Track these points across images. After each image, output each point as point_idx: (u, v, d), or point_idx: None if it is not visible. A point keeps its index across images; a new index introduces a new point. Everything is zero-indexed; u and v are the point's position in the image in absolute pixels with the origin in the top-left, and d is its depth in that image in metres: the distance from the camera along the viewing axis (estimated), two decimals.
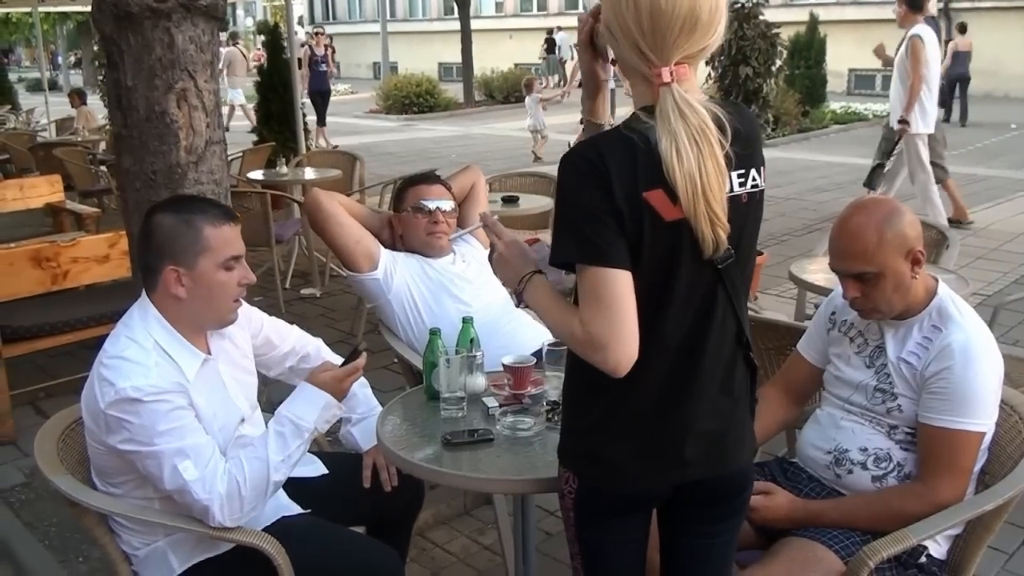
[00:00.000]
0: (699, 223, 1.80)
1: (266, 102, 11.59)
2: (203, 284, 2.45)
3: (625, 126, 1.85)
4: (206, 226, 2.44)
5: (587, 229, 1.81)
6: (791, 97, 17.28)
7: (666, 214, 1.81)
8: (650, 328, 1.86)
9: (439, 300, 3.74)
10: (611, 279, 1.80)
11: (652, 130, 1.81)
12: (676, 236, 1.83)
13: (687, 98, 1.82)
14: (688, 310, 1.89)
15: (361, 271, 3.77)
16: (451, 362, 2.72)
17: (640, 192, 1.79)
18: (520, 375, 2.82)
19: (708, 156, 1.80)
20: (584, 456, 2.02)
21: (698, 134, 1.80)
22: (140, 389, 2.30)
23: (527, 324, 3.76)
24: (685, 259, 1.85)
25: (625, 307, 1.80)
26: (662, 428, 1.95)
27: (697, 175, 1.78)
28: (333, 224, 3.75)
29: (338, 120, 23.15)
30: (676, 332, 1.90)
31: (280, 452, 2.46)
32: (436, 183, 3.95)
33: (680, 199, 1.79)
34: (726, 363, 1.97)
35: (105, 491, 2.52)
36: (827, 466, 2.65)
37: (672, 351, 1.91)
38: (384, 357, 5.96)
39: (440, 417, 2.72)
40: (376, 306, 3.87)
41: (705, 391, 1.95)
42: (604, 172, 1.79)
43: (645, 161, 1.80)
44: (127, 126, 3.47)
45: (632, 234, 1.80)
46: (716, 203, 1.81)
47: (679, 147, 1.79)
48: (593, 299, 1.81)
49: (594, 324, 1.81)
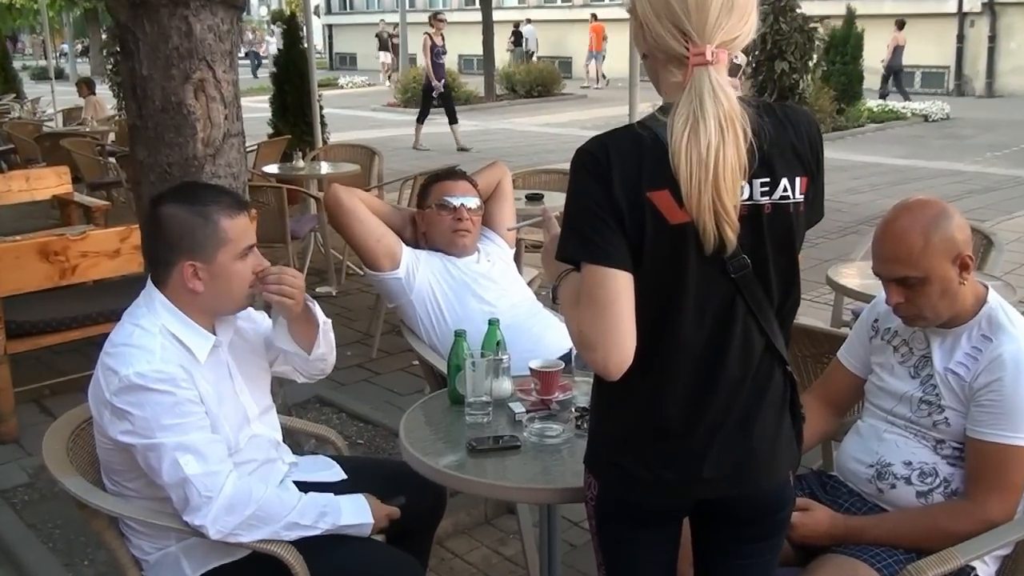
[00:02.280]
0: (702, 214, 1.79)
1: (282, 94, 11.63)
2: (221, 277, 2.47)
3: (639, 123, 1.86)
4: (223, 218, 2.45)
5: (587, 226, 1.82)
6: (826, 94, 17.19)
7: (671, 216, 1.80)
8: (662, 334, 1.87)
9: (463, 300, 3.75)
10: (607, 279, 1.80)
11: (664, 129, 1.81)
12: (681, 240, 1.82)
13: (723, 83, 1.82)
14: (704, 319, 1.89)
15: (382, 270, 3.78)
16: (476, 365, 2.72)
17: (643, 191, 1.79)
18: (548, 380, 2.82)
19: (731, 144, 1.79)
20: (604, 462, 2.03)
21: (726, 120, 1.79)
22: (144, 375, 2.32)
23: (554, 326, 3.76)
24: (692, 264, 1.84)
25: (619, 308, 1.80)
26: (682, 441, 1.94)
27: (712, 159, 1.77)
28: (354, 221, 3.76)
29: (354, 114, 23.23)
30: (695, 340, 1.89)
31: (299, 516, 2.49)
32: (462, 179, 3.96)
33: (684, 187, 1.78)
34: (755, 376, 1.95)
35: (116, 491, 2.54)
36: (869, 480, 2.63)
37: (691, 361, 1.90)
38: (402, 359, 6.00)
39: (464, 422, 2.72)
40: (397, 306, 3.88)
41: (729, 405, 1.94)
42: (606, 169, 1.80)
43: (653, 160, 1.80)
44: (142, 117, 3.49)
45: (633, 234, 1.80)
46: (727, 195, 1.79)
47: (700, 127, 1.78)
48: (589, 298, 1.82)
49: (587, 323, 1.82)
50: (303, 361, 2.80)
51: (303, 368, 2.84)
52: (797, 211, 1.92)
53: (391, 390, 5.60)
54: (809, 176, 1.92)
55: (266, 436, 2.70)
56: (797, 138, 1.91)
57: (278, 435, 2.79)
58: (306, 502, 2.53)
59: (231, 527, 2.39)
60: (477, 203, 3.91)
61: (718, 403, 1.93)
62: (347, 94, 29.75)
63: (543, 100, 25.80)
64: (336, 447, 3.15)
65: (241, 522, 2.40)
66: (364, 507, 2.61)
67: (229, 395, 2.57)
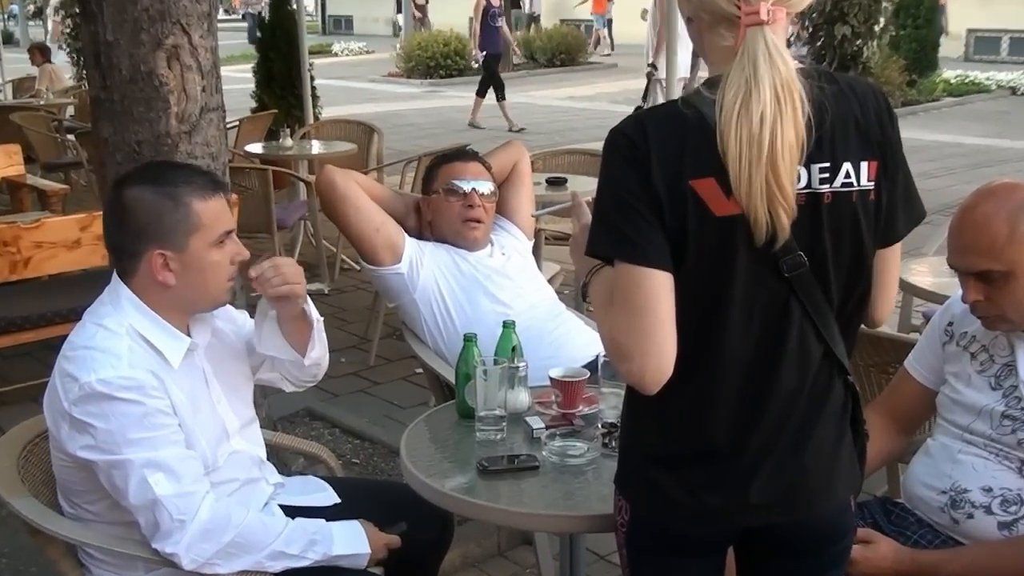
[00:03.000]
0: (753, 200, 1.78)
1: (267, 62, 11.67)
2: (195, 267, 2.49)
3: (683, 100, 1.86)
4: (195, 200, 2.47)
5: (620, 219, 1.82)
6: (895, 63, 17.12)
7: (717, 208, 1.81)
8: (706, 342, 1.87)
9: (473, 300, 3.76)
10: (643, 279, 1.81)
11: (712, 107, 1.81)
12: (728, 234, 1.82)
13: (780, 46, 1.81)
14: (752, 324, 1.89)
15: (382, 264, 3.80)
16: (489, 374, 2.73)
17: (685, 179, 1.80)
18: (571, 391, 2.83)
19: (789, 119, 1.79)
20: (639, 483, 2.04)
21: (783, 90, 1.79)
22: (108, 382, 2.33)
23: (579, 330, 3.77)
24: (741, 262, 1.84)
25: (657, 313, 1.81)
26: (727, 462, 1.95)
27: (767, 134, 1.77)
28: (350, 208, 3.78)
29: (350, 85, 23.27)
30: (742, 348, 1.90)
31: (285, 544, 2.50)
32: (473, 160, 3.97)
33: (732, 169, 1.78)
34: (810, 389, 1.96)
35: (75, 514, 2.56)
36: (941, 509, 2.62)
37: (739, 371, 1.91)
38: (404, 367, 6.01)
39: (475, 439, 2.73)
40: (398, 306, 3.90)
41: (782, 420, 1.94)
42: (644, 153, 1.80)
43: (697, 143, 1.80)
44: (106, 88, 3.51)
45: (674, 229, 1.81)
46: (785, 176, 1.79)
47: (753, 97, 1.77)
48: (623, 301, 1.83)
49: (621, 330, 1.83)
50: (296, 367, 2.81)
51: (294, 375, 2.86)
52: (864, 201, 1.91)
53: (391, 402, 5.62)
54: (879, 160, 1.91)
55: (248, 453, 2.71)
56: (863, 114, 1.90)
57: (262, 452, 2.81)
58: (293, 528, 2.54)
59: (207, 556, 2.41)
60: (491, 188, 3.92)
61: (769, 418, 1.93)
62: (342, 62, 29.79)
63: (566, 70, 25.79)
64: (328, 467, 3.16)
65: (219, 550, 2.41)
66: (360, 535, 2.62)
67: (206, 406, 2.58)
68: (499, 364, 2.80)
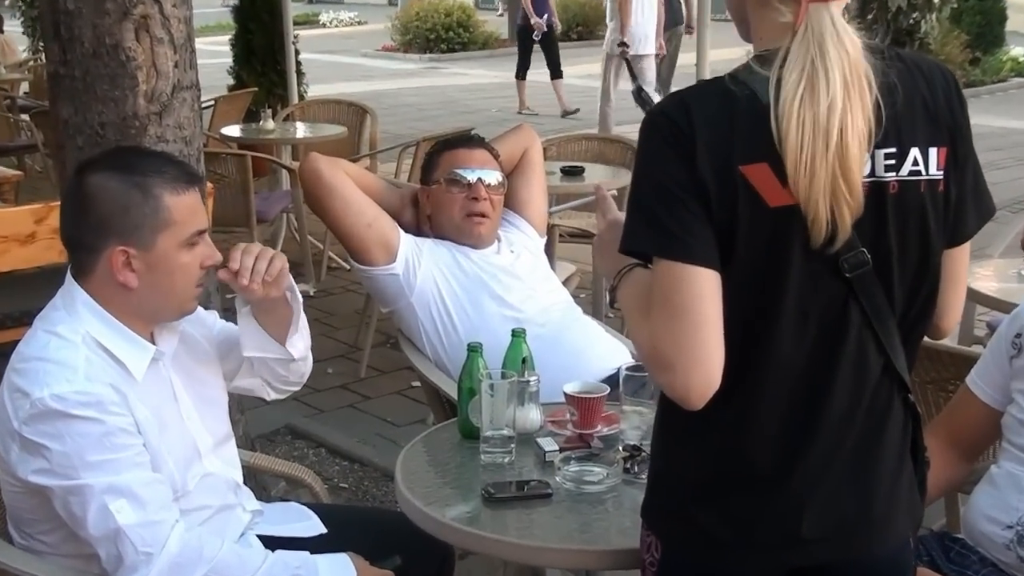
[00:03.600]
0: (815, 195, 1.78)
1: (246, 33, 11.64)
2: (161, 268, 2.48)
3: (730, 77, 1.85)
4: (166, 193, 2.46)
5: (661, 210, 1.82)
6: (956, 39, 17.10)
7: (771, 198, 1.80)
8: (753, 350, 1.87)
9: (478, 303, 3.76)
10: (687, 278, 1.81)
11: (766, 85, 1.81)
12: (784, 228, 1.82)
13: (845, 24, 1.82)
14: (806, 330, 1.88)
15: (375, 263, 3.79)
16: (496, 389, 2.73)
17: (735, 164, 1.80)
18: (588, 409, 2.83)
19: (858, 106, 1.79)
20: (673, 517, 2.03)
21: (852, 73, 1.79)
22: (63, 398, 2.33)
23: (598, 338, 3.78)
24: (796, 259, 1.84)
25: (704, 316, 1.81)
26: (775, 491, 1.95)
27: (836, 125, 1.77)
28: (338, 200, 3.77)
29: (339, 60, 23.30)
30: (794, 357, 1.89)
31: None
32: (479, 147, 3.97)
33: (792, 160, 1.77)
34: (868, 407, 1.95)
35: (26, 545, 2.55)
36: (1007, 545, 2.62)
37: (789, 385, 1.91)
38: (399, 379, 6.01)
39: (479, 463, 2.73)
40: (393, 311, 3.90)
41: (836, 443, 1.93)
42: (688, 136, 1.80)
43: (749, 125, 1.80)
44: (66, 63, 3.51)
45: (722, 221, 1.81)
46: (854, 170, 1.79)
47: (820, 82, 1.77)
48: (664, 303, 1.83)
49: (662, 337, 1.82)
50: (282, 365, 2.80)
51: (280, 376, 2.85)
52: (933, 192, 1.91)
53: (384, 419, 5.61)
54: (949, 147, 1.91)
55: (222, 476, 2.71)
56: (931, 96, 1.91)
57: (238, 475, 2.80)
58: (274, 562, 2.54)
59: None
60: (498, 178, 3.92)
61: (822, 441, 1.92)
62: (331, 34, 29.85)
63: (583, 44, 25.72)
64: (312, 492, 3.16)
65: None
66: (348, 569, 2.62)
67: (174, 422, 2.58)
68: (507, 377, 2.80)
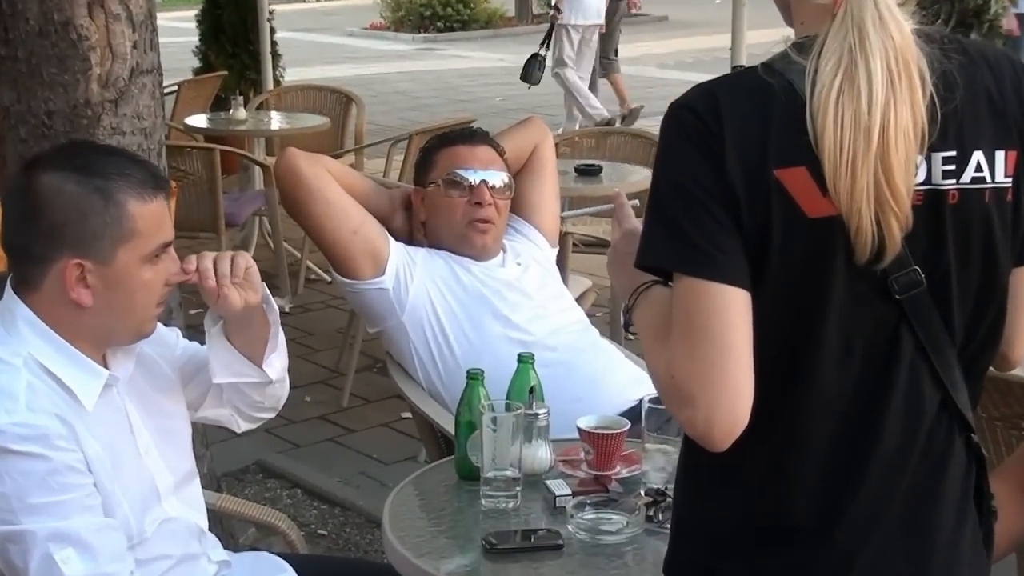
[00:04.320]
0: (857, 203, 1.75)
1: (214, 9, 11.62)
2: (121, 285, 2.47)
3: (765, 66, 1.84)
4: (131, 200, 2.44)
5: (684, 220, 1.81)
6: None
7: (809, 207, 1.79)
8: (789, 382, 1.86)
9: (479, 323, 3.77)
10: (713, 299, 1.79)
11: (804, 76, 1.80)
12: (824, 242, 1.80)
13: (892, 6, 1.81)
14: (850, 360, 1.87)
15: (361, 276, 3.79)
16: (499, 423, 2.73)
17: (769, 168, 1.78)
18: (606, 447, 2.83)
19: (904, 98, 1.77)
20: (698, 571, 2.02)
21: (898, 62, 1.78)
22: (1, 431, 2.32)
23: (617, 364, 3.78)
24: (838, 278, 1.82)
25: (731, 343, 1.79)
26: (815, 546, 1.93)
27: (877, 121, 1.75)
28: (319, 203, 3.77)
29: (321, 39, 23.32)
30: (836, 392, 1.87)
31: None
32: (482, 143, 3.96)
33: (830, 161, 1.75)
34: (923, 449, 1.93)
35: None
36: None
37: (831, 423, 1.89)
38: (387, 410, 5.99)
39: (480, 508, 2.73)
40: (381, 331, 3.91)
41: (886, 490, 1.92)
42: (716, 133, 1.79)
43: (785, 121, 1.79)
44: (8, 42, 3.52)
45: (753, 233, 1.79)
46: (898, 174, 1.77)
47: (859, 72, 1.76)
48: (685, 327, 1.81)
49: (682, 365, 1.80)
50: (257, 390, 2.79)
51: (253, 403, 2.84)
52: (1000, 202, 1.88)
53: (369, 456, 5.60)
54: (1018, 150, 1.89)
55: (185, 520, 2.71)
56: (999, 91, 1.89)
57: (203, 520, 2.80)
58: None
59: None
60: (504, 179, 3.92)
61: (869, 488, 1.91)
62: (312, 10, 29.88)
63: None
64: (287, 540, 3.15)
65: None
66: None
67: (130, 458, 2.57)
68: (512, 409, 2.81)
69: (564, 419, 2.96)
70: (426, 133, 6.24)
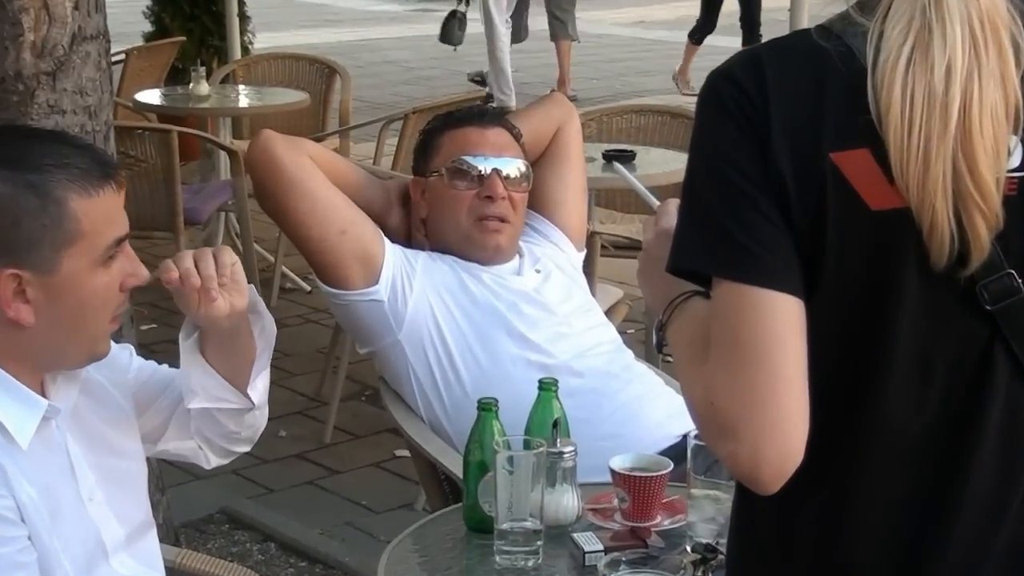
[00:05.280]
0: (929, 195, 1.74)
1: None
2: (68, 297, 2.46)
3: (821, 29, 1.84)
4: (72, 195, 2.44)
5: (722, 212, 1.81)
6: None
7: (873, 197, 1.78)
8: (851, 414, 1.85)
9: (491, 343, 3.77)
10: (760, 309, 1.78)
11: (866, 40, 1.79)
12: (891, 241, 1.80)
13: None
14: (929, 385, 1.86)
15: (349, 285, 3.80)
16: (516, 463, 2.73)
17: (824, 151, 1.78)
18: (644, 492, 2.83)
19: (991, 72, 1.76)
20: None
21: (984, 26, 1.76)
22: None
23: (657, 394, 3.78)
24: (911, 287, 1.81)
25: (782, 363, 1.78)
26: None
27: (957, 96, 1.74)
28: (301, 198, 3.78)
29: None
30: (911, 424, 1.86)
31: None
32: (494, 124, 3.97)
33: (898, 144, 1.74)
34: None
35: None
36: None
37: (905, 462, 1.88)
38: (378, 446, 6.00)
39: (493, 566, 2.73)
40: (374, 352, 3.92)
41: (980, 544, 1.91)
42: (761, 108, 1.79)
43: (844, 95, 1.79)
44: None
45: (805, 229, 1.79)
46: (983, 161, 1.75)
47: (934, 37, 1.74)
48: (726, 344, 1.81)
49: (723, 390, 1.80)
50: (234, 419, 2.78)
51: (225, 434, 2.83)
52: None
53: (357, 503, 5.61)
54: None
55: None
56: None
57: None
58: None
59: None
60: (521, 168, 3.92)
61: (959, 541, 1.90)
62: None
63: None
64: None
65: None
66: None
67: (71, 507, 2.57)
68: (532, 447, 2.81)
69: (594, 459, 2.96)
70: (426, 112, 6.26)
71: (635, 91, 14.31)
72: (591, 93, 14.21)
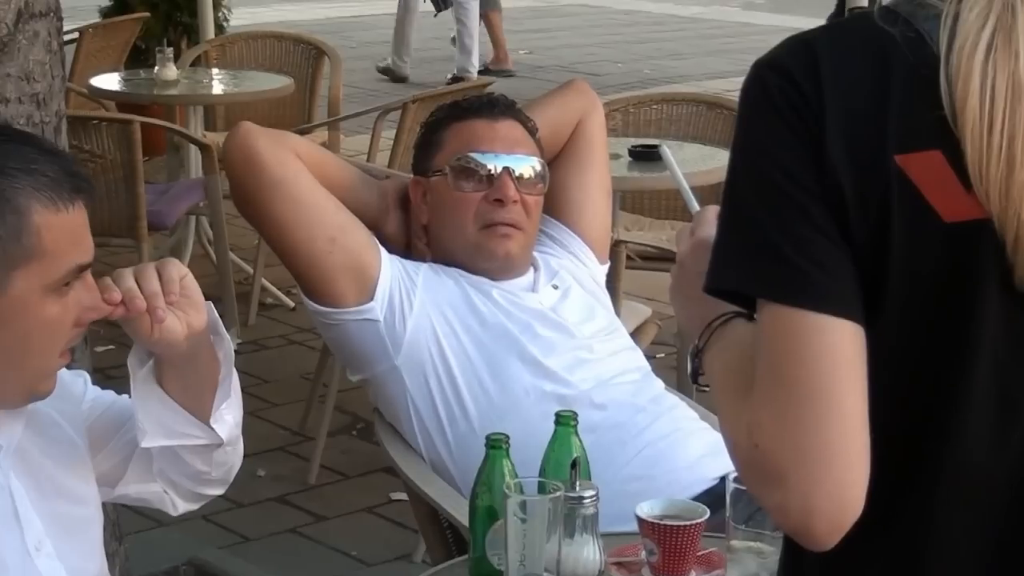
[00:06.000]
0: (1013, 203, 1.72)
1: None
2: (12, 324, 2.46)
3: (885, 11, 1.83)
4: (37, 206, 2.44)
5: (769, 223, 1.80)
6: None
7: (946, 208, 1.77)
8: (919, 460, 1.85)
9: (502, 371, 3.78)
10: (812, 335, 1.77)
11: (938, 24, 1.78)
12: (969, 256, 1.79)
13: None
14: (1012, 424, 1.86)
15: (340, 302, 3.81)
16: (530, 509, 2.74)
17: (889, 152, 1.77)
18: (677, 543, 2.83)
19: None
20: None
21: None
22: None
23: (690, 429, 3.78)
24: (990, 310, 1.81)
25: (838, 399, 1.77)
26: None
27: None
28: (284, 200, 3.79)
29: None
30: (991, 466, 1.86)
31: None
32: (505, 116, 3.98)
33: (975, 145, 1.73)
34: None
35: None
36: None
37: (987, 510, 1.88)
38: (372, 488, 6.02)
39: None
40: (367, 379, 3.92)
41: None
42: (815, 103, 1.78)
43: (912, 89, 1.78)
44: None
45: (866, 244, 1.78)
46: None
47: (1018, 21, 1.74)
48: (774, 375, 1.80)
49: (769, 427, 1.78)
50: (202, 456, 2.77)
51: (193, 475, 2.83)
52: None
53: (347, 553, 5.62)
54: None
55: None
56: None
57: None
58: None
59: None
60: (536, 167, 3.93)
61: None
62: None
63: None
64: None
65: None
66: None
67: (15, 559, 2.58)
68: (548, 491, 2.81)
69: (618, 504, 2.97)
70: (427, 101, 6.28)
71: (666, 77, 14.33)
72: (615, 79, 14.25)
